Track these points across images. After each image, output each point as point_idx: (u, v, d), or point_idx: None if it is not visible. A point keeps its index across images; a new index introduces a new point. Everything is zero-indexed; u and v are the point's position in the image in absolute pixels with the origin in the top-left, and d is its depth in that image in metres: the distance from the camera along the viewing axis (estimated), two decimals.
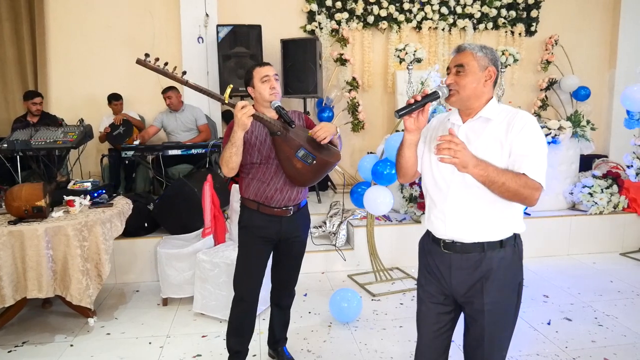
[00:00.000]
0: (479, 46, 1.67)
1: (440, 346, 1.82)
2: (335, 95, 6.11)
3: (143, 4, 5.82)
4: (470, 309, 1.72)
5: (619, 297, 3.58)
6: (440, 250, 1.73)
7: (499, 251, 1.66)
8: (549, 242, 4.46)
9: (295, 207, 2.40)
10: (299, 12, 6.15)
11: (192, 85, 2.18)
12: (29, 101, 4.91)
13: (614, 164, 5.51)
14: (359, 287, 3.80)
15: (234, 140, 2.15)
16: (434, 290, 1.79)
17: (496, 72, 1.67)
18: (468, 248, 1.67)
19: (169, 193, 4.10)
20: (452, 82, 1.64)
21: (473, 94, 1.64)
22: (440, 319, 1.80)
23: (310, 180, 2.33)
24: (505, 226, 1.67)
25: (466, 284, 1.69)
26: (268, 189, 2.32)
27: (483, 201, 1.63)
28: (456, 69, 1.65)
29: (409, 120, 1.67)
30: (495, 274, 1.66)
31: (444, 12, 6.30)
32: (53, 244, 2.90)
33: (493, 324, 1.69)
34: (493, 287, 1.66)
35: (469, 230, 1.66)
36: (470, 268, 1.67)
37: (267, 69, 2.32)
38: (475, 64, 1.63)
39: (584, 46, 6.75)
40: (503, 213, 1.65)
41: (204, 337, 3.05)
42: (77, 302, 2.98)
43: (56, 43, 5.77)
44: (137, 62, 2.14)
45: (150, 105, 5.53)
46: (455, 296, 1.75)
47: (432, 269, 1.78)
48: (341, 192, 5.78)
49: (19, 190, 2.97)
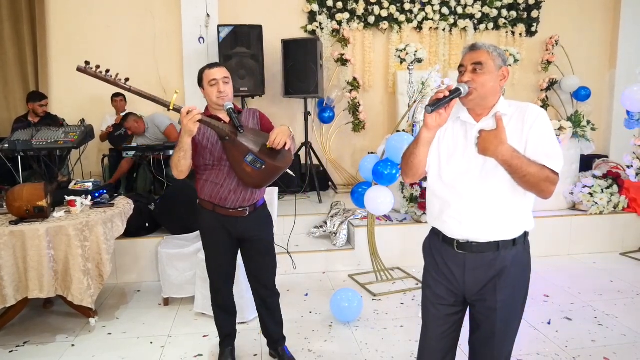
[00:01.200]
0: (493, 46, 1.67)
1: (446, 347, 1.83)
2: (336, 96, 6.12)
3: (144, 4, 5.83)
4: (482, 306, 1.73)
5: (619, 296, 3.59)
6: (453, 250, 1.72)
7: (512, 249, 1.68)
8: (549, 242, 4.47)
9: (251, 207, 2.43)
10: (300, 13, 6.15)
11: (135, 92, 2.17)
12: (35, 103, 4.93)
13: (614, 164, 5.51)
14: (360, 287, 3.81)
15: (182, 144, 2.17)
16: (443, 291, 1.78)
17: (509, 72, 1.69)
18: (483, 247, 1.67)
19: (170, 193, 4.11)
20: (470, 80, 1.63)
21: (490, 92, 1.64)
22: (449, 320, 1.80)
23: (262, 183, 2.35)
24: (518, 225, 1.69)
25: (480, 283, 1.70)
26: (222, 190, 2.36)
27: (498, 201, 1.64)
28: (473, 66, 1.64)
29: (431, 117, 1.62)
30: (508, 272, 1.68)
31: (444, 13, 6.31)
32: (54, 244, 2.91)
33: (504, 320, 1.70)
34: (506, 285, 1.68)
35: (484, 229, 1.66)
36: (485, 267, 1.68)
37: (216, 72, 2.32)
38: (492, 63, 1.63)
39: (585, 46, 6.75)
40: (517, 212, 1.67)
41: (205, 337, 3.05)
42: (79, 302, 2.98)
43: (57, 43, 5.77)
44: (78, 70, 2.15)
45: (151, 106, 5.52)
46: (466, 295, 1.75)
47: (442, 269, 1.77)
48: (342, 192, 5.80)
49: (20, 190, 2.97)
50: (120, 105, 5.48)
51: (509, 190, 1.63)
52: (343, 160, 6.41)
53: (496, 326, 1.70)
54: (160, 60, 5.87)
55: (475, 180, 1.65)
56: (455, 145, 1.71)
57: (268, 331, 2.71)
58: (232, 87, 2.37)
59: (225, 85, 2.32)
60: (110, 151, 5.37)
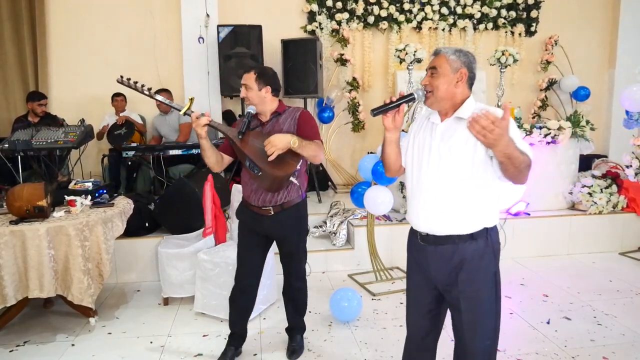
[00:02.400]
0: (453, 49, 1.77)
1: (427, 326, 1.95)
2: (336, 96, 6.12)
3: (144, 4, 5.82)
4: (449, 297, 1.83)
5: (618, 296, 3.60)
6: (418, 242, 1.86)
7: (471, 243, 1.75)
8: (548, 241, 4.48)
9: (276, 208, 2.48)
10: (300, 13, 6.15)
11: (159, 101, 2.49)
12: (34, 103, 4.93)
13: (613, 164, 5.53)
14: (359, 286, 3.81)
15: (201, 145, 2.38)
16: (420, 280, 1.91)
17: (468, 73, 1.76)
18: (442, 240, 1.78)
19: (169, 193, 4.11)
20: (427, 84, 1.77)
21: (446, 94, 1.75)
22: (428, 306, 1.91)
23: (270, 187, 2.39)
24: (476, 220, 1.76)
25: (443, 274, 1.80)
26: (247, 189, 2.52)
27: (455, 196, 1.73)
28: (430, 71, 1.78)
29: (387, 120, 1.80)
30: (467, 265, 1.75)
31: (444, 13, 6.31)
32: (54, 243, 2.91)
33: (470, 312, 1.78)
34: (467, 278, 1.76)
35: (441, 223, 1.76)
36: (445, 259, 1.78)
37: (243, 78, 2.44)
38: (447, 67, 1.74)
39: (584, 46, 6.75)
40: (474, 208, 1.74)
41: (205, 336, 3.06)
42: (79, 302, 2.99)
43: (57, 43, 5.77)
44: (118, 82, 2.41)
45: (151, 105, 5.52)
46: (437, 285, 1.86)
47: (416, 258, 1.91)
48: (341, 192, 5.80)
49: (21, 190, 2.97)
50: (120, 105, 5.48)
51: (466, 186, 1.72)
52: (342, 160, 6.41)
53: (463, 318, 1.79)
54: (159, 60, 5.87)
55: (433, 176, 1.76)
56: (423, 144, 1.83)
57: (288, 317, 2.84)
58: (256, 91, 2.40)
59: (247, 91, 2.41)
60: (110, 151, 5.37)
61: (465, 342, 1.82)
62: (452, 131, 1.75)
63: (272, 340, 2.97)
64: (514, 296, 3.56)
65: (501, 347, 2.83)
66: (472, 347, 1.81)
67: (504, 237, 4.32)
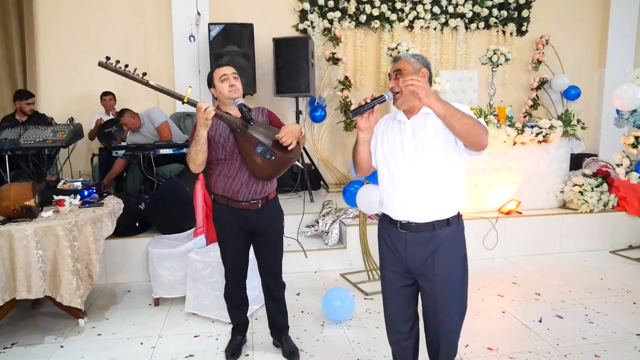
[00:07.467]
0: (411, 54, 1.98)
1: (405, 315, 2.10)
2: (328, 94, 6.11)
3: (134, 2, 5.78)
4: (423, 280, 1.99)
5: (609, 294, 3.62)
6: (397, 230, 1.98)
7: (446, 228, 1.93)
8: (539, 240, 4.49)
9: (263, 200, 2.52)
10: (291, 11, 6.14)
11: (152, 86, 2.26)
12: (22, 101, 4.87)
13: (603, 163, 5.56)
14: (352, 286, 3.80)
15: (198, 138, 2.29)
16: (395, 265, 2.04)
17: (429, 73, 1.95)
18: (421, 227, 1.93)
19: (160, 192, 4.07)
20: (394, 85, 1.91)
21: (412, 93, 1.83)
22: (402, 291, 2.06)
23: (272, 174, 2.47)
24: (451, 205, 1.94)
25: (419, 258, 1.95)
26: (234, 184, 2.46)
27: (431, 186, 1.89)
28: (395, 74, 1.94)
29: (361, 120, 1.92)
30: (443, 249, 1.93)
31: (435, 12, 6.33)
32: (43, 244, 2.87)
33: (443, 292, 1.95)
34: (443, 261, 1.93)
35: (422, 211, 1.92)
36: (423, 244, 1.94)
37: (225, 69, 2.46)
38: (409, 67, 1.91)
39: (575, 46, 6.80)
40: (448, 194, 1.92)
41: (196, 337, 3.03)
42: (68, 303, 2.95)
43: (45, 41, 5.71)
44: (99, 65, 2.20)
45: (142, 104, 5.48)
46: (410, 269, 2.00)
47: (390, 247, 2.03)
48: (333, 191, 5.79)
49: (8, 189, 2.93)
50: (109, 104, 5.43)
51: (440, 176, 1.89)
52: (334, 159, 6.40)
53: (437, 297, 1.95)
54: (150, 58, 5.82)
55: (410, 169, 1.91)
56: (394, 141, 1.96)
57: (274, 321, 2.80)
58: (241, 83, 2.49)
59: (235, 80, 2.44)
60: (100, 150, 5.31)
61: (438, 319, 1.98)
62: (421, 125, 1.90)
63: (264, 341, 2.94)
64: (506, 295, 3.56)
65: (493, 345, 2.84)
66: (445, 324, 1.99)
67: (496, 236, 4.34)
